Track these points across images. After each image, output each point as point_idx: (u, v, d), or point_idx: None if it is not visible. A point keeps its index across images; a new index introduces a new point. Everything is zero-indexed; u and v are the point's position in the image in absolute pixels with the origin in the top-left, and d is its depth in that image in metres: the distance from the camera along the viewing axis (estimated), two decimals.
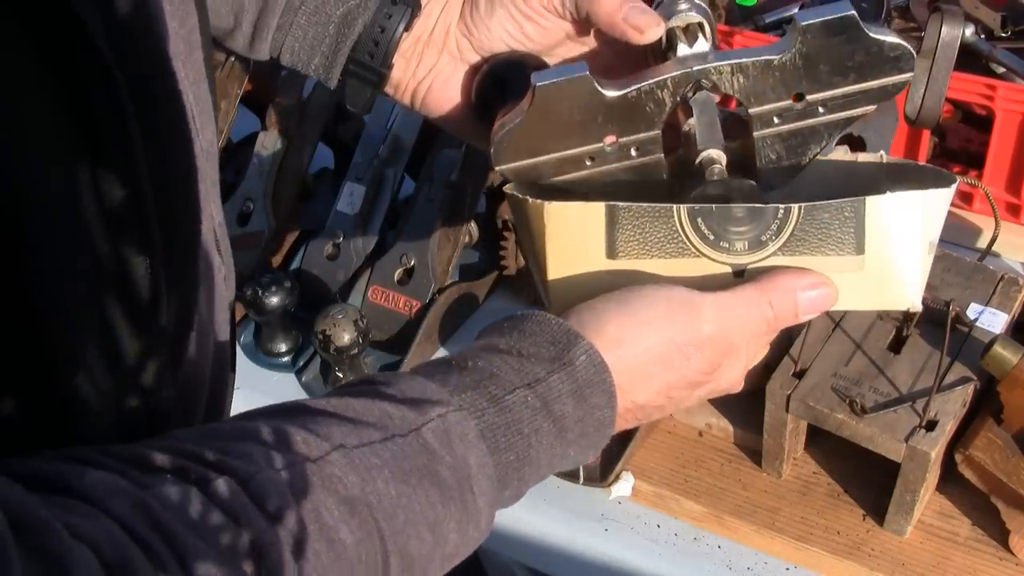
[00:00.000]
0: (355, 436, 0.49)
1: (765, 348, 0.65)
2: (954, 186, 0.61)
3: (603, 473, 0.92)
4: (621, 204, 0.61)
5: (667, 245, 0.61)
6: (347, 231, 1.14)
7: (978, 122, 1.17)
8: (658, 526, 0.91)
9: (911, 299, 0.61)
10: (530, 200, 0.62)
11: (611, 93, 0.62)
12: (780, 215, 0.60)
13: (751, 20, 1.23)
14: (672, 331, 0.58)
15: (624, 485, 0.92)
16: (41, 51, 0.43)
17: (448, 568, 0.53)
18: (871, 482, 0.89)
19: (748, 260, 0.61)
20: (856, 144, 1.05)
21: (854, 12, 0.60)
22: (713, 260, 0.61)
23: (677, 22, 0.64)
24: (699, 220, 0.60)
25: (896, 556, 0.85)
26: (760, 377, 0.89)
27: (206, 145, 0.56)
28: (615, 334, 0.57)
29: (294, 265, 1.17)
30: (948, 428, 0.82)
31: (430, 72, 0.72)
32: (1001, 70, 1.13)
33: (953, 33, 0.99)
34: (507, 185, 0.65)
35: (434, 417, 0.51)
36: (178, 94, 0.50)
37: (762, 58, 0.61)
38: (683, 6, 0.64)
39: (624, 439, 0.93)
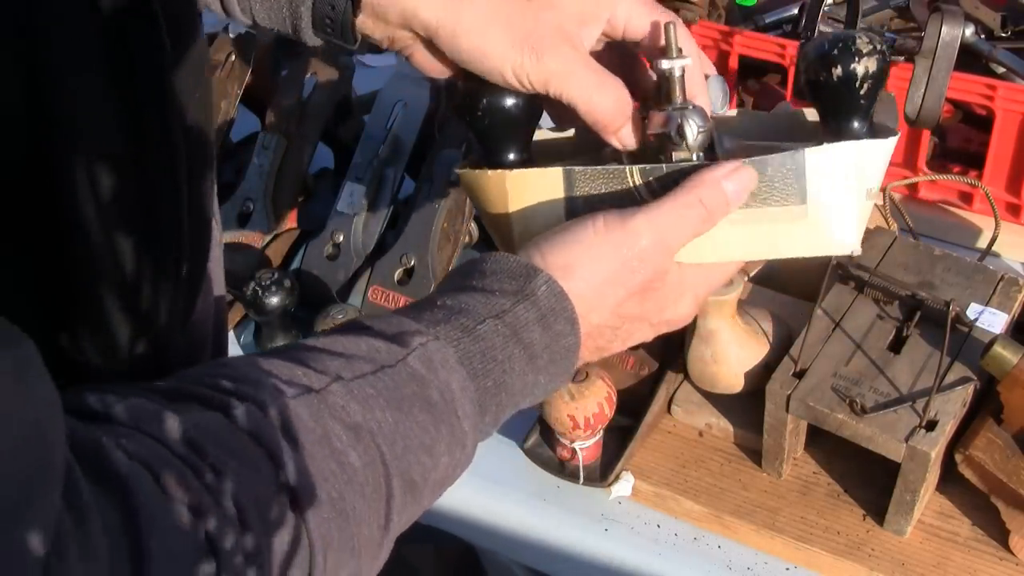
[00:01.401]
0: (349, 369, 0.51)
1: (721, 273, 0.67)
2: (893, 139, 0.63)
3: (603, 473, 0.93)
4: (577, 168, 0.64)
5: (623, 203, 0.63)
6: (347, 231, 1.14)
7: (978, 122, 1.17)
8: (658, 526, 0.91)
9: (851, 245, 0.64)
10: (489, 172, 0.65)
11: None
12: None
13: (751, 20, 1.23)
14: (613, 250, 0.61)
15: (624, 485, 0.92)
16: None
17: (439, 494, 0.56)
18: (871, 482, 0.89)
19: None
20: None
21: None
22: None
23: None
24: (651, 178, 0.63)
25: (896, 556, 0.85)
26: (760, 377, 0.89)
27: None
28: (564, 262, 0.60)
29: (294, 265, 1.17)
30: (948, 428, 0.82)
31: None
32: (1001, 70, 1.13)
33: (953, 33, 0.99)
34: (457, 166, 0.68)
35: (417, 346, 0.53)
36: (201, 32, 0.53)
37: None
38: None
39: (624, 439, 0.93)
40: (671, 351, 0.95)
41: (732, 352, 0.89)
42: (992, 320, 0.89)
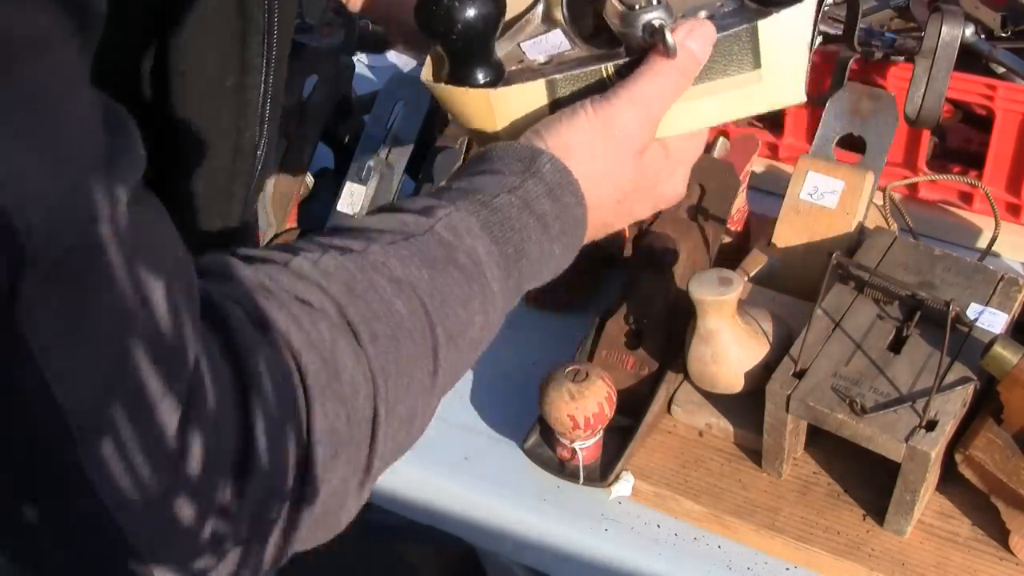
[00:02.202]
0: (384, 238, 0.56)
1: (699, 141, 0.73)
2: None
3: (603, 473, 0.92)
4: (558, 76, 0.68)
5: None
6: None
7: (978, 122, 1.17)
8: (658, 526, 0.91)
9: (800, 95, 0.71)
10: (471, 91, 0.68)
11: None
12: None
13: None
14: (603, 127, 0.66)
15: (624, 485, 0.92)
16: None
17: (475, 355, 0.60)
18: (871, 482, 0.89)
19: None
20: (856, 144, 1.05)
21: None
22: None
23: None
24: (623, 68, 0.68)
25: (896, 556, 0.85)
26: (760, 377, 0.89)
27: None
28: (563, 142, 0.65)
29: None
30: (948, 428, 0.82)
31: None
32: (1001, 70, 1.13)
33: (953, 33, 0.99)
34: (423, 75, 0.72)
35: (442, 216, 0.58)
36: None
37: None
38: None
39: (624, 439, 0.93)
40: (671, 351, 0.95)
41: (732, 352, 0.89)
42: (992, 320, 0.89)
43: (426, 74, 0.71)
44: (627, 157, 0.67)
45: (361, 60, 1.47)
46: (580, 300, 1.10)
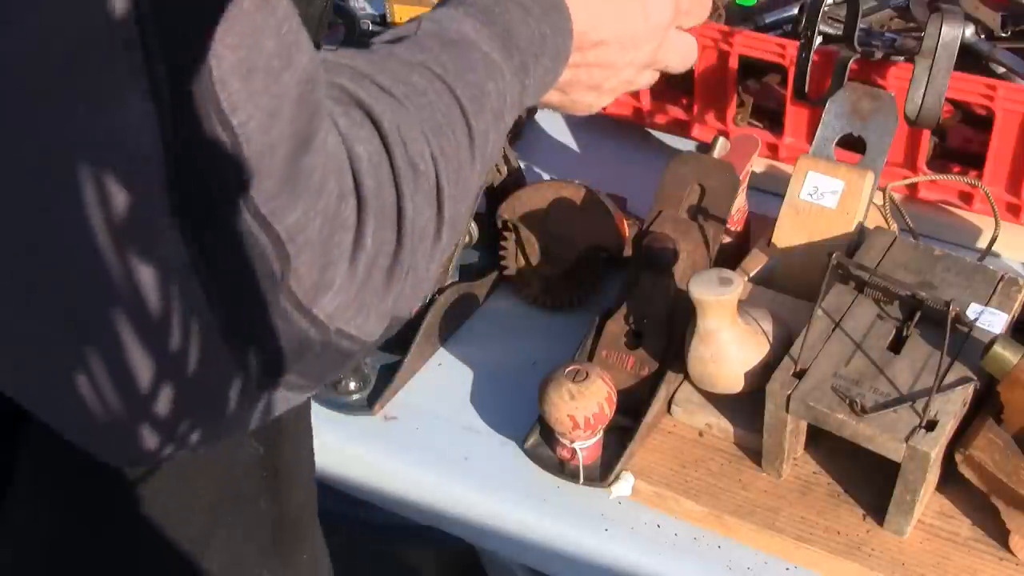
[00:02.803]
0: (377, 48, 0.59)
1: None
2: None
3: (603, 473, 0.93)
4: None
5: None
6: None
7: (978, 122, 1.17)
8: (658, 526, 0.91)
9: None
10: None
11: None
12: None
13: (751, 20, 1.23)
14: None
15: (624, 485, 0.92)
16: None
17: (500, 126, 0.62)
18: (871, 482, 0.89)
19: None
20: (856, 145, 1.05)
21: None
22: None
23: None
24: None
25: (896, 556, 0.85)
26: (760, 377, 0.89)
27: None
28: None
29: None
30: (948, 428, 0.82)
31: None
32: (1001, 70, 1.13)
33: (953, 33, 0.99)
34: None
35: (423, 18, 0.62)
36: None
37: None
38: None
39: (624, 439, 0.93)
40: (671, 351, 0.95)
41: (732, 352, 0.89)
42: (992, 320, 0.89)
43: None
44: None
45: None
46: (580, 300, 1.10)
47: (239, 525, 0.70)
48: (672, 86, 1.28)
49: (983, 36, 1.14)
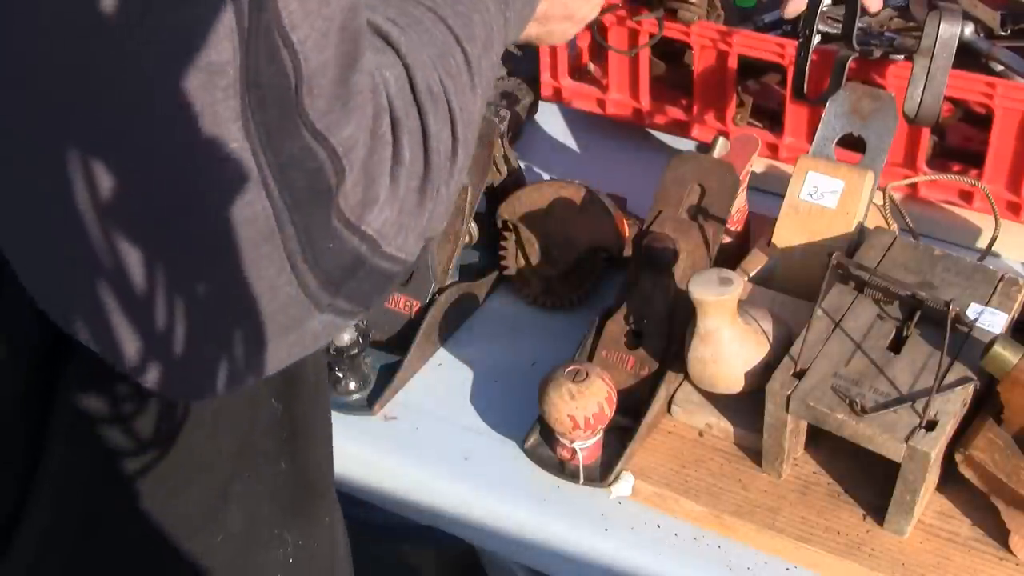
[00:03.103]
0: None
1: None
2: None
3: (603, 473, 0.93)
4: None
5: None
6: None
7: (978, 120, 1.17)
8: (658, 526, 0.91)
9: None
10: None
11: None
12: None
13: (750, 21, 1.23)
14: None
15: (624, 485, 0.92)
16: None
17: (490, 53, 0.64)
18: (871, 482, 0.89)
19: None
20: (856, 144, 1.05)
21: None
22: None
23: None
24: None
25: (896, 556, 0.85)
26: (760, 377, 0.89)
27: None
28: None
29: None
30: (948, 428, 0.82)
31: None
32: (1000, 68, 1.13)
33: (951, 31, 0.99)
34: None
35: None
36: None
37: None
38: None
39: (624, 439, 0.93)
40: (671, 351, 0.95)
41: (732, 352, 0.89)
42: (992, 320, 0.89)
43: None
44: None
45: None
46: (580, 300, 1.10)
47: (259, 482, 0.70)
48: (672, 86, 1.28)
49: (982, 34, 1.14)
